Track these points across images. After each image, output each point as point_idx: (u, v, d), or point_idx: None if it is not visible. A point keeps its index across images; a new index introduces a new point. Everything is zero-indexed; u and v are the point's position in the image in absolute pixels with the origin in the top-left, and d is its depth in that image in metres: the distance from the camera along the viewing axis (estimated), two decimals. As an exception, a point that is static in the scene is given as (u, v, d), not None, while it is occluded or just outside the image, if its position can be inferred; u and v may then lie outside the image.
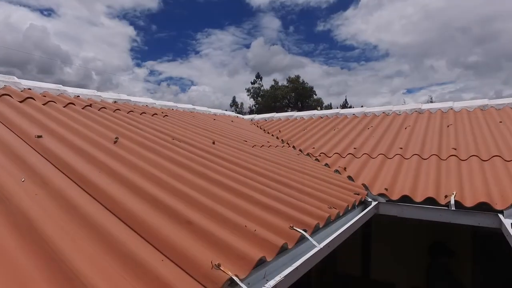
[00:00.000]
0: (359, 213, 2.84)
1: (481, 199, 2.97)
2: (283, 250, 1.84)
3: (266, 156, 3.91)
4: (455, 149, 4.16)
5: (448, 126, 5.18)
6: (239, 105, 51.68)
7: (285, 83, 39.11)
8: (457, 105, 6.15)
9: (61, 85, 4.31)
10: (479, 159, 3.82)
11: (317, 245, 1.89)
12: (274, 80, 39.73)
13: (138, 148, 2.92)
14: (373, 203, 3.20)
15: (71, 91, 4.36)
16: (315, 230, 2.26)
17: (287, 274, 1.54)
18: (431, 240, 5.12)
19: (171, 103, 6.48)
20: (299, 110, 32.16)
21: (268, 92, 38.70)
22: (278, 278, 1.50)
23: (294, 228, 1.94)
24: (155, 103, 5.96)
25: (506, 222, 2.57)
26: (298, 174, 3.34)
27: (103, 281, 1.15)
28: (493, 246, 4.87)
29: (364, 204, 3.27)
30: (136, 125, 3.80)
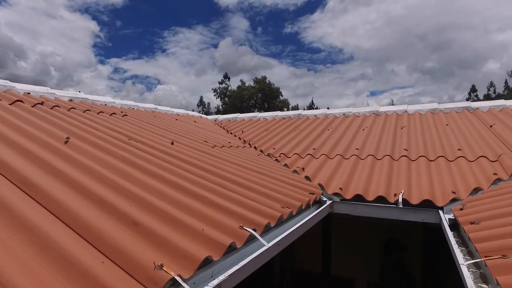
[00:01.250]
0: (313, 212, 2.92)
1: (425, 196, 3.16)
2: (232, 249, 1.87)
3: (225, 156, 3.92)
4: (406, 150, 4.38)
5: (402, 128, 5.44)
6: (206, 105, 51.25)
7: (252, 83, 39.32)
8: (411, 108, 6.48)
9: (8, 81, 4.08)
10: (426, 159, 4.05)
11: (266, 244, 1.93)
12: (241, 81, 39.88)
13: (90, 148, 2.83)
14: (328, 202, 3.30)
15: (20, 87, 4.14)
16: (267, 230, 2.31)
17: (232, 273, 1.56)
18: (388, 236, 5.37)
19: (132, 103, 6.32)
20: (266, 110, 32.44)
21: (235, 93, 38.74)
22: (222, 277, 1.52)
23: (244, 227, 1.97)
24: (114, 102, 5.79)
25: (444, 217, 2.75)
26: (255, 175, 3.38)
27: (32, 285, 1.12)
28: (439, 240, 5.19)
29: (319, 203, 3.37)
30: (91, 125, 3.68)
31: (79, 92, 6.65)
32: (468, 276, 1.67)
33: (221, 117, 8.51)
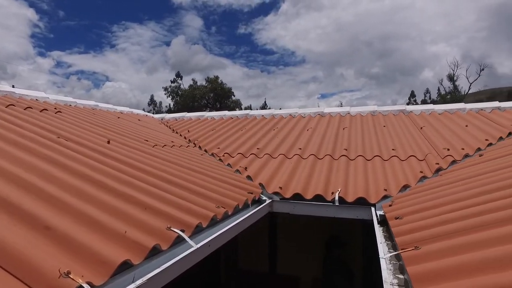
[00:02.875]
0: (250, 212, 2.91)
1: (360, 194, 3.30)
2: (157, 251, 1.79)
3: (165, 156, 3.79)
4: (346, 149, 4.55)
5: (343, 129, 5.66)
6: (157, 104, 49.78)
7: (204, 83, 38.88)
8: (354, 110, 6.76)
9: None
10: (364, 158, 4.24)
11: (194, 245, 1.88)
12: (193, 80, 39.24)
13: (8, 147, 2.58)
14: (267, 201, 3.32)
15: None
16: (199, 230, 2.25)
17: (152, 277, 1.49)
18: (331, 233, 5.55)
19: (69, 99, 5.92)
20: (218, 111, 32.23)
21: (186, 92, 38.02)
22: (139, 281, 1.44)
23: (171, 228, 1.90)
24: (48, 98, 5.38)
25: (375, 213, 2.88)
26: (194, 174, 3.31)
27: None
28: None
29: (259, 202, 3.38)
30: (13, 121, 3.37)
31: (13, 86, 6.10)
32: (384, 269, 1.75)
33: (168, 116, 8.28)
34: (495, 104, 5.93)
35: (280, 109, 7.77)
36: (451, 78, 40.07)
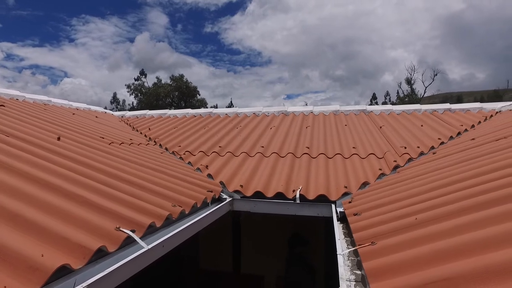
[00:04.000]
0: (209, 210, 2.82)
1: (321, 192, 3.30)
2: (104, 254, 1.66)
3: (121, 154, 3.60)
4: (308, 148, 4.58)
5: (306, 128, 5.70)
6: (120, 102, 48.12)
7: (169, 81, 38.04)
8: (316, 109, 6.85)
9: None
10: (325, 156, 4.28)
11: (145, 246, 1.76)
12: (157, 78, 38.26)
13: None
14: (227, 200, 3.24)
15: None
16: (154, 230, 2.14)
17: (93, 282, 1.37)
18: (294, 231, 5.56)
19: (15, 92, 5.51)
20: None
21: (150, 90, 36.99)
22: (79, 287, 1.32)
23: (121, 229, 1.78)
24: (-10, 91, 4.97)
25: (335, 210, 2.90)
26: (152, 172, 3.16)
27: None
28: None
29: (219, 201, 3.29)
30: None
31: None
32: (341, 265, 1.73)
33: (128, 113, 7.96)
34: (447, 106, 6.25)
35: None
36: (408, 82, 42.08)
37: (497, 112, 5.61)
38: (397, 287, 1.23)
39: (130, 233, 1.77)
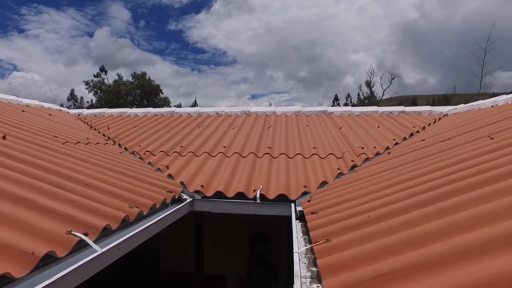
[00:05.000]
0: (169, 211, 2.77)
1: (281, 191, 3.36)
2: (54, 259, 1.58)
3: (76, 154, 3.45)
4: (270, 148, 4.63)
5: (268, 128, 5.76)
6: (78, 100, 46.00)
7: (130, 79, 36.84)
8: (279, 109, 6.95)
9: None
10: (286, 156, 4.35)
11: (99, 250, 1.70)
12: (118, 75, 36.92)
13: None
14: (188, 200, 3.21)
15: None
16: (109, 233, 2.07)
17: (39, 289, 1.30)
18: (257, 230, 5.60)
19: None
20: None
21: (111, 87, 35.60)
22: (22, 295, 1.25)
23: (72, 232, 1.70)
24: None
25: (295, 209, 2.96)
26: (108, 173, 3.06)
27: None
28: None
29: (179, 201, 3.25)
30: None
31: None
32: (296, 263, 1.78)
33: (86, 111, 7.62)
34: (401, 108, 6.59)
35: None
36: (368, 84, 43.74)
37: (444, 115, 6.00)
38: (347, 281, 1.29)
39: (83, 236, 1.70)
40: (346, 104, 47.75)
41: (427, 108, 6.60)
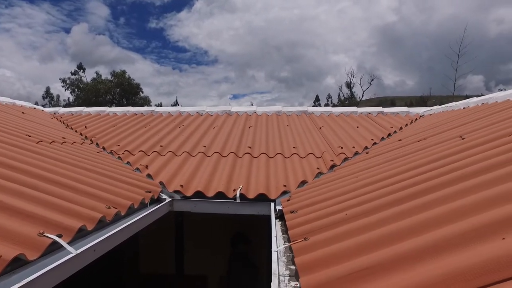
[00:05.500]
0: (148, 211, 2.73)
1: (261, 191, 3.37)
2: (25, 262, 1.54)
3: (51, 153, 3.35)
4: (250, 147, 4.64)
5: (249, 128, 5.77)
6: (54, 98, 44.73)
7: (109, 77, 36.05)
8: (260, 109, 6.96)
9: None
10: (266, 156, 4.37)
11: (73, 252, 1.66)
12: (97, 73, 36.07)
13: None
14: (167, 200, 3.17)
15: None
16: (85, 234, 2.02)
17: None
18: (237, 230, 5.59)
19: None
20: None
21: (89, 85, 34.73)
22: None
23: (45, 234, 1.66)
24: None
25: (274, 208, 2.98)
26: (85, 173, 2.99)
27: None
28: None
29: (159, 201, 3.21)
30: None
31: None
32: (274, 261, 1.79)
33: (62, 110, 7.41)
34: (380, 109, 6.73)
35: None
36: (348, 85, 44.48)
37: (420, 116, 6.17)
38: (323, 279, 1.31)
39: (56, 238, 1.66)
40: (327, 105, 48.40)
41: (404, 109, 6.77)
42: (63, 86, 37.09)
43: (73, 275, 1.68)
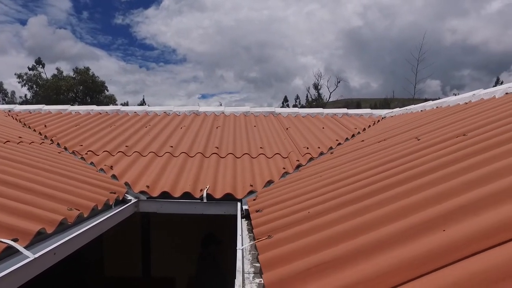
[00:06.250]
0: (112, 213, 2.68)
1: (228, 190, 3.40)
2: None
3: (6, 154, 3.19)
4: (218, 147, 4.65)
5: (217, 128, 5.77)
6: (9, 94, 42.23)
7: (72, 73, 34.48)
8: (228, 110, 6.98)
9: None
10: (234, 156, 4.40)
11: (31, 256, 1.61)
12: (58, 69, 34.35)
13: None
14: (132, 201, 3.12)
15: None
16: (45, 237, 1.96)
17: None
18: (208, 230, 5.56)
19: None
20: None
21: (49, 82, 33.02)
22: None
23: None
24: None
25: (241, 208, 3.02)
26: (45, 174, 2.88)
27: None
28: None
29: (124, 202, 3.15)
30: None
31: None
32: (239, 259, 1.83)
33: (18, 107, 7.05)
34: (345, 110, 6.97)
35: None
36: (316, 87, 45.37)
37: (382, 118, 6.45)
38: (285, 274, 1.36)
39: (11, 242, 1.60)
40: (295, 105, 49.13)
41: (368, 111, 7.05)
42: (19, 82, 35.03)
43: (32, 279, 1.63)
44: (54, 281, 3.52)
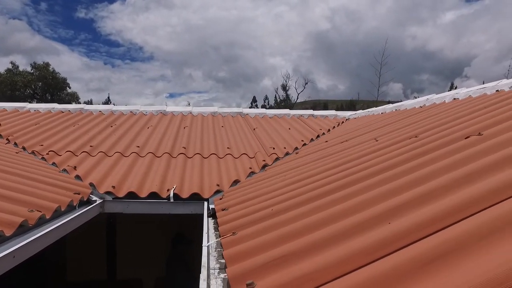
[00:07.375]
0: (76, 214, 2.65)
1: (195, 190, 3.44)
2: None
3: (-40, 154, 3.05)
4: (185, 148, 4.66)
5: (184, 128, 5.77)
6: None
7: (29, 69, 32.61)
8: (195, 110, 6.98)
9: None
10: (201, 156, 4.44)
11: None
12: (12, 63, 32.31)
13: None
14: (97, 202, 3.09)
15: None
16: (4, 240, 1.92)
17: None
18: (177, 231, 5.52)
19: None
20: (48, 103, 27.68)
21: (2, 77, 31.01)
22: None
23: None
24: None
25: (207, 207, 3.07)
26: (2, 175, 2.78)
27: None
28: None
29: (89, 203, 3.11)
30: None
31: None
32: (204, 255, 1.90)
33: (-31, 104, 6.65)
34: (311, 112, 7.18)
35: (126, 105, 7.30)
36: (284, 88, 45.93)
37: (346, 119, 6.72)
38: (247, 267, 1.44)
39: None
40: (263, 106, 49.49)
41: (333, 112, 7.30)
42: (-35, 76, 32.78)
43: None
44: (13, 285, 3.40)
